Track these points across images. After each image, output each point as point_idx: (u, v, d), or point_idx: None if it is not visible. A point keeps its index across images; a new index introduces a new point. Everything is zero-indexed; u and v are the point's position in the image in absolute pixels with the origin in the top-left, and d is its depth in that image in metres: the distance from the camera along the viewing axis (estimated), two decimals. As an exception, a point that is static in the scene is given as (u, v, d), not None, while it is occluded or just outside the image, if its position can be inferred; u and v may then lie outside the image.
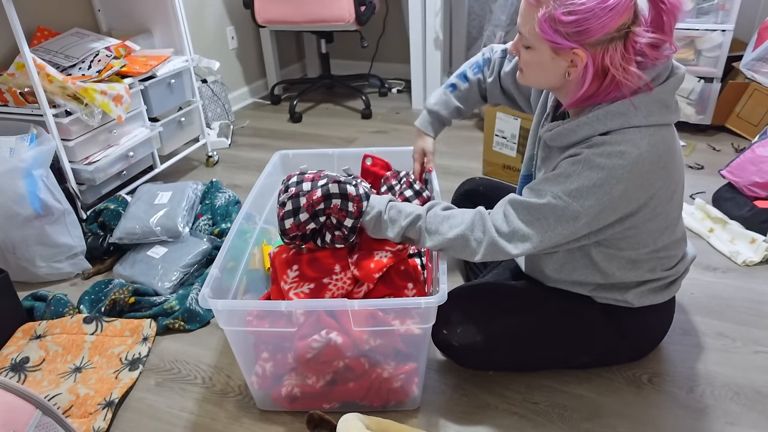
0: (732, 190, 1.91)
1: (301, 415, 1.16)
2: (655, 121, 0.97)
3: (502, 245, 1.04)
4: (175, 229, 1.71)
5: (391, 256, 1.16)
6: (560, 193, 0.98)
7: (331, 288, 1.15)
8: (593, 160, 0.96)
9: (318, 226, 1.16)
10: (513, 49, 1.05)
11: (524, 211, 1.03)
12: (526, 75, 1.05)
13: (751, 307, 1.47)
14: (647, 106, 0.96)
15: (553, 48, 0.94)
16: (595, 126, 0.98)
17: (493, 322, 1.16)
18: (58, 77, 1.70)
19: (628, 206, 1.00)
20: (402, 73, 3.50)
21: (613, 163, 0.95)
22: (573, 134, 1.02)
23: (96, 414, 1.21)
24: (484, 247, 1.05)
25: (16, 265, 1.64)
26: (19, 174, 1.57)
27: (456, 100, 1.42)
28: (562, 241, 1.04)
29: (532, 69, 1.02)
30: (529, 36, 0.96)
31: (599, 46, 0.92)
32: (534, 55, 0.99)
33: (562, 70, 0.98)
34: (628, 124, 0.96)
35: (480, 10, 3.22)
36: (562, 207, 0.99)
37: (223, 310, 1.06)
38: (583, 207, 0.98)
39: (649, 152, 0.95)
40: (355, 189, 1.13)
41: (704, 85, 2.38)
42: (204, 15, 2.90)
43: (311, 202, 1.13)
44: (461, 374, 1.28)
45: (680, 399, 1.20)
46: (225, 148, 2.70)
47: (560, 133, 1.04)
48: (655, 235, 1.07)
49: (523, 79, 1.07)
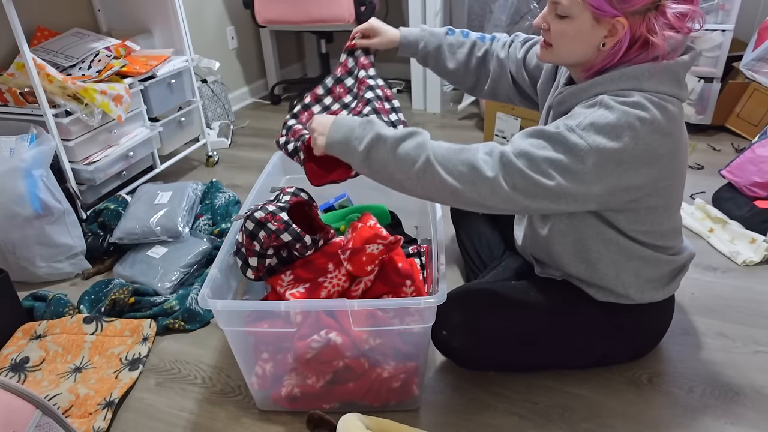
0: (732, 190, 1.91)
1: (301, 415, 1.16)
2: (665, 91, 0.98)
3: (512, 160, 0.96)
4: (175, 229, 1.71)
5: (383, 248, 1.16)
6: (574, 126, 0.96)
7: (326, 286, 1.16)
8: (608, 102, 0.96)
9: (273, 257, 1.21)
10: (541, 21, 1.03)
11: (536, 134, 0.98)
12: (556, 48, 1.04)
13: (751, 307, 1.47)
14: (660, 75, 0.98)
15: (596, 15, 0.95)
16: (607, 85, 0.99)
17: (493, 322, 1.15)
18: (58, 77, 1.70)
19: (634, 166, 0.97)
20: (402, 73, 3.49)
21: (627, 109, 0.95)
22: (584, 93, 1.03)
23: (96, 414, 1.21)
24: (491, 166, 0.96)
25: (16, 265, 1.64)
26: (19, 174, 1.57)
27: (444, 42, 1.36)
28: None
29: (567, 40, 1.01)
30: (570, 3, 0.96)
31: (638, 15, 0.94)
32: (572, 24, 0.98)
33: (599, 40, 0.98)
34: (639, 87, 0.97)
35: (480, 10, 3.22)
36: (573, 140, 0.95)
37: (222, 310, 1.06)
38: (593, 143, 0.94)
39: (659, 114, 0.96)
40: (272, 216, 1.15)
41: (704, 85, 2.38)
42: (204, 15, 2.90)
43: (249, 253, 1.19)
44: (461, 374, 1.28)
45: (680, 399, 1.20)
46: (225, 148, 2.70)
47: (572, 93, 1.05)
48: (653, 216, 1.06)
49: (550, 54, 1.05)
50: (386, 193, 1.67)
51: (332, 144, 1.03)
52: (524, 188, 0.96)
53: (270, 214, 1.16)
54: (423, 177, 0.98)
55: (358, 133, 1.01)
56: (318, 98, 1.30)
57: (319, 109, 1.29)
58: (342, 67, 1.32)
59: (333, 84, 1.32)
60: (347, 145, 1.02)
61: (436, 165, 0.97)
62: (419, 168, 0.98)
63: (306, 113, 1.29)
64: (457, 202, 1.00)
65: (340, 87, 1.31)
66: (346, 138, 1.02)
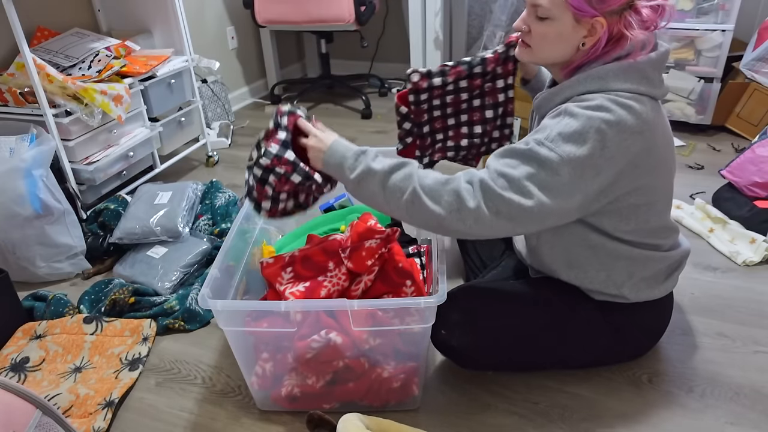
0: (732, 190, 1.91)
1: (301, 415, 1.16)
2: (633, 89, 0.99)
3: (490, 185, 0.97)
4: (175, 229, 1.71)
5: (380, 242, 1.17)
6: (542, 139, 0.98)
7: (326, 285, 1.16)
8: (572, 110, 0.98)
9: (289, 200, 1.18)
10: (521, 24, 1.05)
11: (509, 154, 1.00)
12: (535, 50, 1.06)
13: (751, 307, 1.47)
14: (625, 74, 0.99)
15: (576, 16, 0.97)
16: (576, 87, 1.02)
17: (492, 322, 1.16)
18: (58, 77, 1.70)
19: (607, 168, 0.97)
20: (402, 73, 3.47)
21: (590, 114, 0.96)
22: (556, 96, 1.06)
23: (96, 414, 1.21)
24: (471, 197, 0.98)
25: (16, 265, 1.64)
26: (19, 174, 1.57)
27: None
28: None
29: (547, 41, 1.03)
30: (551, 6, 0.98)
31: (615, 14, 0.97)
32: (553, 26, 1.00)
33: (578, 41, 1.01)
34: (606, 87, 0.99)
35: (480, 10, 3.22)
36: (544, 154, 0.96)
37: (222, 310, 1.06)
38: (563, 153, 0.95)
39: (625, 113, 0.96)
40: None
41: (704, 85, 2.38)
42: (204, 15, 2.90)
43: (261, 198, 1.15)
44: (461, 374, 1.28)
45: (680, 399, 1.20)
46: (225, 148, 2.70)
47: (545, 98, 1.09)
48: (636, 214, 1.06)
49: (529, 54, 1.08)
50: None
51: (327, 166, 1.09)
52: (507, 212, 0.97)
53: (276, 159, 1.09)
54: (411, 207, 1.01)
55: (350, 164, 1.06)
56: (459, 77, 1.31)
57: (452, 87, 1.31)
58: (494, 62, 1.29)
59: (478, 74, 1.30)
60: (341, 172, 1.07)
61: (422, 196, 1.00)
62: (407, 199, 1.01)
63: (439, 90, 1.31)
64: (445, 232, 1.02)
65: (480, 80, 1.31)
66: (340, 165, 1.07)
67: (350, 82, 3.21)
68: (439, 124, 1.36)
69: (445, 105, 1.34)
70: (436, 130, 1.37)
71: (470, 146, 1.38)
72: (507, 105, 1.32)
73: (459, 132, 1.36)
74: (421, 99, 1.32)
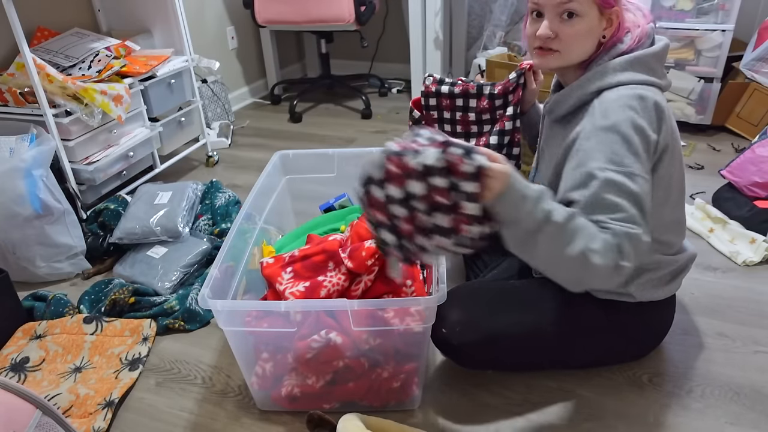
0: (732, 190, 1.91)
1: (301, 415, 1.16)
2: (641, 80, 1.02)
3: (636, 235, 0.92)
4: (175, 229, 1.71)
5: None
6: (599, 168, 0.96)
7: (326, 285, 1.15)
8: (600, 124, 0.99)
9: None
10: (547, 31, 1.01)
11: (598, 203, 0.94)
12: (564, 52, 1.04)
13: (751, 307, 1.47)
14: (632, 66, 1.03)
15: (602, 7, 1.01)
16: (587, 87, 1.04)
17: (493, 321, 1.15)
18: (58, 77, 1.70)
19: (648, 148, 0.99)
20: (402, 73, 3.49)
21: (617, 117, 0.98)
22: (568, 98, 1.07)
23: (96, 414, 1.21)
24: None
25: (16, 265, 1.64)
26: (19, 174, 1.57)
27: None
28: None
29: (578, 40, 1.03)
30: (582, 3, 0.99)
31: (618, 5, 1.02)
32: (582, 22, 1.01)
33: (600, 34, 1.04)
34: (615, 81, 1.02)
35: (480, 10, 3.22)
36: (619, 179, 0.94)
37: (222, 310, 1.06)
38: (627, 168, 0.95)
39: (641, 100, 0.99)
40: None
41: (704, 85, 2.38)
42: (204, 15, 2.90)
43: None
44: (461, 374, 1.28)
45: (680, 399, 1.20)
46: (225, 148, 2.70)
47: (556, 101, 1.11)
48: (654, 207, 1.04)
49: (557, 59, 1.05)
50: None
51: (506, 196, 0.89)
52: (629, 250, 0.92)
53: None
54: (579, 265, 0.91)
55: (532, 205, 0.90)
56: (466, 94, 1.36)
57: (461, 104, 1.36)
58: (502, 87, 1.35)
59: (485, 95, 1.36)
60: (515, 211, 0.90)
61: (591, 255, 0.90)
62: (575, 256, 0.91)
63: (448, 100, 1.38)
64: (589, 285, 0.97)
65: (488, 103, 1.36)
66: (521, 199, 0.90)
67: (350, 82, 3.21)
68: None
69: (454, 121, 1.37)
70: None
71: None
72: (514, 134, 1.32)
73: None
74: (431, 104, 1.36)
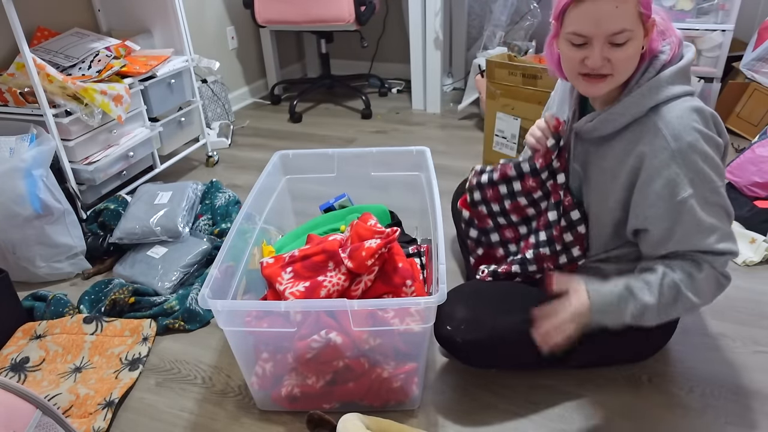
0: (732, 190, 1.91)
1: (301, 415, 1.16)
2: (686, 91, 1.02)
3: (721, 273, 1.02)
4: (175, 229, 1.71)
5: (381, 241, 1.17)
6: (694, 194, 0.98)
7: (326, 285, 1.16)
8: (676, 148, 0.98)
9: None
10: (600, 61, 0.98)
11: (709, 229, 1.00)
12: (617, 75, 1.00)
13: (751, 307, 1.47)
14: (679, 78, 1.02)
15: (645, 22, 0.97)
16: (642, 103, 1.01)
17: (497, 319, 1.15)
18: (58, 77, 1.70)
19: (721, 156, 1.02)
20: (402, 73, 3.49)
21: (690, 136, 0.97)
22: (621, 117, 1.04)
23: (96, 414, 1.21)
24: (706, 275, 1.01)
25: (16, 265, 1.64)
26: (19, 174, 1.57)
27: None
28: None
29: (631, 60, 0.99)
30: (633, 26, 0.95)
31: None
32: (634, 42, 0.97)
33: (641, 46, 1.00)
34: (670, 94, 1.00)
35: (480, 10, 3.22)
36: (715, 199, 0.99)
37: (222, 310, 1.06)
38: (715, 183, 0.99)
39: (700, 112, 0.99)
40: None
41: (704, 85, 2.38)
42: (204, 15, 2.90)
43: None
44: (461, 374, 1.28)
45: (680, 399, 1.20)
46: (225, 148, 2.70)
47: (606, 119, 1.05)
48: None
49: (609, 82, 1.01)
50: (386, 193, 1.68)
51: (597, 322, 1.04)
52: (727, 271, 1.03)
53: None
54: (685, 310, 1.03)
55: (621, 309, 1.02)
56: (506, 178, 1.26)
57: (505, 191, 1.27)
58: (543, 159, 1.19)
59: (528, 173, 1.22)
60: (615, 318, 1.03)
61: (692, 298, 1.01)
62: (680, 308, 1.02)
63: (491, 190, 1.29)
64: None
65: (533, 180, 1.22)
66: (612, 313, 1.03)
67: (350, 82, 3.21)
68: (509, 234, 1.32)
69: (505, 212, 1.28)
70: (506, 240, 1.33)
71: (537, 258, 1.22)
72: (565, 198, 1.17)
73: (527, 242, 1.26)
74: (476, 199, 1.29)
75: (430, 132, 2.78)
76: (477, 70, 2.71)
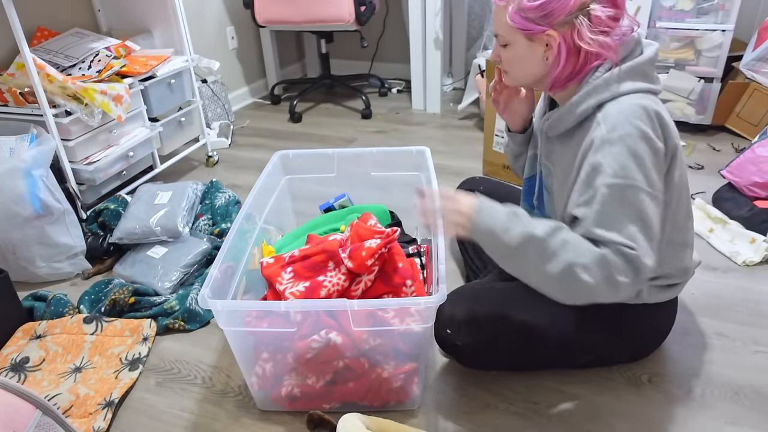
0: (732, 190, 1.91)
1: (301, 415, 1.16)
2: (640, 88, 1.02)
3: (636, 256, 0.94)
4: (175, 229, 1.71)
5: (381, 242, 1.17)
6: (607, 179, 0.96)
7: (326, 285, 1.16)
8: (607, 137, 0.98)
9: None
10: (495, 56, 1.12)
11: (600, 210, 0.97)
12: (510, 73, 1.12)
13: (751, 307, 1.47)
14: (629, 76, 1.02)
15: (527, 35, 1.02)
16: (588, 101, 1.03)
17: (497, 321, 1.15)
18: (58, 77, 1.70)
19: (656, 160, 0.99)
20: (402, 73, 3.49)
21: (624, 129, 0.97)
22: (570, 115, 1.06)
23: (96, 414, 1.21)
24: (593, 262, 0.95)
25: (16, 265, 1.64)
26: (19, 174, 1.57)
27: None
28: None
29: (516, 64, 1.09)
30: (505, 33, 1.05)
31: (567, 25, 1.00)
32: (513, 49, 1.06)
33: (540, 56, 1.04)
34: (617, 92, 1.01)
35: (480, 10, 3.22)
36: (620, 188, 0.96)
37: (222, 310, 1.06)
38: (637, 179, 0.96)
39: (644, 109, 0.99)
40: None
41: (704, 85, 2.38)
42: (204, 15, 2.90)
43: None
44: (461, 374, 1.28)
45: (680, 399, 1.20)
46: (225, 148, 2.70)
47: (558, 118, 1.09)
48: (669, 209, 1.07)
49: (509, 79, 1.14)
50: (386, 193, 1.68)
51: (476, 232, 1.01)
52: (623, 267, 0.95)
53: None
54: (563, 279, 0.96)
55: (505, 226, 0.99)
56: None
57: None
58: None
59: None
60: (493, 237, 1.00)
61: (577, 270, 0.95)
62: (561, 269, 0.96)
63: None
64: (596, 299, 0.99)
65: None
66: (491, 230, 1.00)
67: (350, 82, 3.21)
68: None
69: None
70: None
71: None
72: None
73: None
74: None
75: (430, 132, 2.78)
76: (477, 70, 2.71)
